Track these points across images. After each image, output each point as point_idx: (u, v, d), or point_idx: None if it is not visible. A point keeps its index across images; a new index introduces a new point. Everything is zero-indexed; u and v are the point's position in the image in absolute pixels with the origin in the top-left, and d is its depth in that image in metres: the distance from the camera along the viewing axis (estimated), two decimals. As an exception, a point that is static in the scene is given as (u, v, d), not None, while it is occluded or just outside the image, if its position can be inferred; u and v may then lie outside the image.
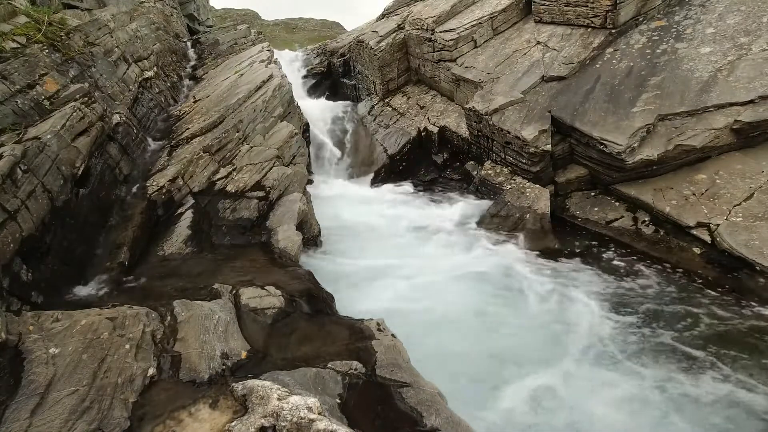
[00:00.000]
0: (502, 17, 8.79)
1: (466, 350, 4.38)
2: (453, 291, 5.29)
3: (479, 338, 4.55)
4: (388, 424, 2.93)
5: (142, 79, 8.08)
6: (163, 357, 3.15)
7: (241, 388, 2.65)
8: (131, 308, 3.51)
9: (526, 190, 6.75)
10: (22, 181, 4.11)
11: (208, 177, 6.24)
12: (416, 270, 5.68)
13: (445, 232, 6.72)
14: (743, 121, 5.42)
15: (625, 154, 5.73)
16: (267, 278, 4.54)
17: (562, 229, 6.36)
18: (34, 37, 5.78)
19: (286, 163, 7.01)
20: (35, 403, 2.66)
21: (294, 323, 3.96)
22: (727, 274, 4.92)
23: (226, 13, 25.94)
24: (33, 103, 5.12)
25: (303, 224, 6.06)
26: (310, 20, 28.58)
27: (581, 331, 4.52)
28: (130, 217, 5.34)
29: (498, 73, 7.87)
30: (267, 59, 9.62)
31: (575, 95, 6.69)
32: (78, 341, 3.12)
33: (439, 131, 8.84)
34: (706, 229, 5.23)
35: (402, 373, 3.32)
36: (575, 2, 7.49)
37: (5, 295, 3.55)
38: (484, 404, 3.72)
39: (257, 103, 7.47)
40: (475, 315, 4.89)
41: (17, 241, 3.86)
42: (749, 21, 6.20)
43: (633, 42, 6.94)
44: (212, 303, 3.78)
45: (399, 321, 4.23)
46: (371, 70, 10.64)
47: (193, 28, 15.24)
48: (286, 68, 10.53)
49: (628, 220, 5.98)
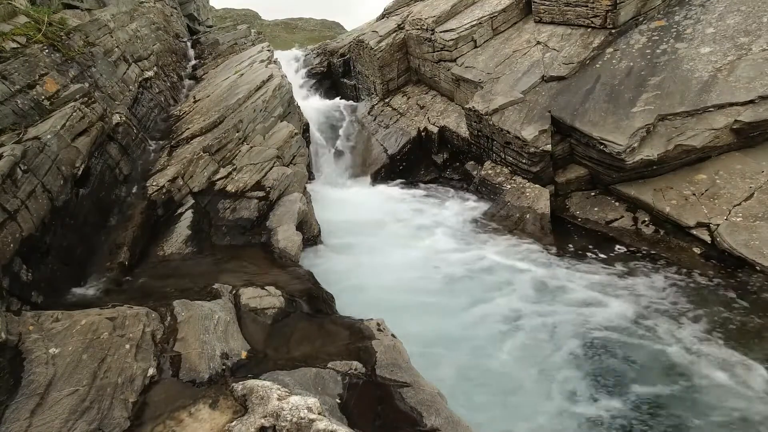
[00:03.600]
0: (502, 17, 8.79)
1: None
2: (453, 290, 5.28)
3: (479, 338, 4.55)
4: (388, 424, 2.93)
5: (142, 79, 8.08)
6: (163, 357, 3.15)
7: (241, 388, 2.65)
8: (131, 308, 3.51)
9: (526, 190, 6.75)
10: (22, 181, 4.11)
11: (208, 177, 6.24)
12: (415, 269, 5.68)
13: (444, 232, 6.72)
14: (743, 121, 5.42)
15: (625, 154, 5.73)
16: (267, 278, 4.54)
17: (562, 229, 6.35)
18: (34, 37, 5.78)
19: (286, 163, 7.01)
20: (35, 403, 2.66)
21: (294, 323, 3.96)
22: (727, 274, 4.91)
23: (226, 13, 25.94)
24: (33, 103, 5.11)
25: (303, 224, 6.06)
26: (310, 20, 28.57)
27: (580, 330, 4.53)
28: (130, 217, 5.34)
29: (498, 73, 7.87)
30: (267, 59, 9.61)
31: (575, 95, 6.69)
32: (78, 341, 3.12)
33: (439, 131, 8.84)
34: (706, 229, 5.24)
35: (402, 373, 3.32)
36: (575, 2, 7.49)
37: (5, 295, 3.55)
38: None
39: (257, 103, 7.47)
40: (474, 312, 4.89)
41: (17, 241, 3.86)
42: (749, 21, 6.20)
43: (633, 42, 6.94)
44: (212, 303, 3.78)
45: (399, 320, 4.23)
46: (371, 70, 10.64)
47: (193, 28, 15.23)
48: (286, 68, 10.53)
49: (628, 220, 5.98)
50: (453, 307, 4.98)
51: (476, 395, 3.89)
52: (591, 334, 4.48)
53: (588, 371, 4.08)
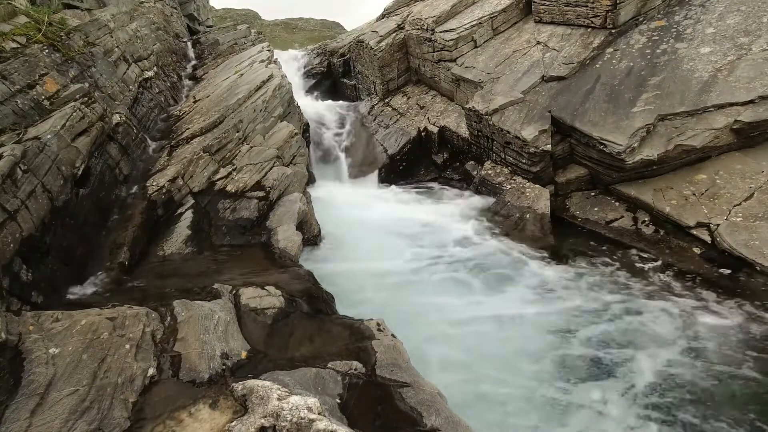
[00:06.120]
0: (502, 17, 8.79)
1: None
2: (452, 290, 5.28)
3: (477, 338, 4.56)
4: (388, 424, 2.93)
5: (142, 79, 8.08)
6: (163, 357, 3.15)
7: (241, 388, 2.65)
8: (131, 308, 3.51)
9: (526, 190, 6.75)
10: (22, 181, 4.11)
11: (208, 177, 6.24)
12: (415, 269, 5.68)
13: (444, 232, 6.72)
14: (743, 121, 5.42)
15: (625, 154, 5.73)
16: (267, 278, 4.54)
17: (561, 229, 6.35)
18: (34, 37, 5.78)
19: (286, 163, 7.01)
20: (35, 403, 2.66)
21: (294, 323, 3.96)
22: (727, 274, 4.91)
23: (226, 13, 25.92)
24: (33, 103, 5.12)
25: (303, 224, 6.06)
26: (310, 20, 28.55)
27: (578, 331, 4.53)
28: (130, 217, 5.34)
29: (498, 73, 7.87)
30: (267, 59, 9.62)
31: (575, 95, 6.69)
32: (78, 341, 3.12)
33: (439, 131, 8.84)
34: (706, 229, 5.23)
35: (402, 373, 3.32)
36: (575, 2, 7.49)
37: (5, 295, 3.55)
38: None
39: (257, 103, 7.47)
40: (474, 312, 4.89)
41: (17, 241, 3.86)
42: (749, 21, 6.20)
43: (633, 42, 6.94)
44: (212, 303, 3.78)
45: (398, 320, 4.23)
46: (371, 70, 10.64)
47: (193, 28, 15.24)
48: (286, 68, 10.52)
49: (628, 220, 5.98)
50: (453, 307, 4.98)
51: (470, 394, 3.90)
52: (590, 334, 4.48)
53: (587, 371, 4.08)
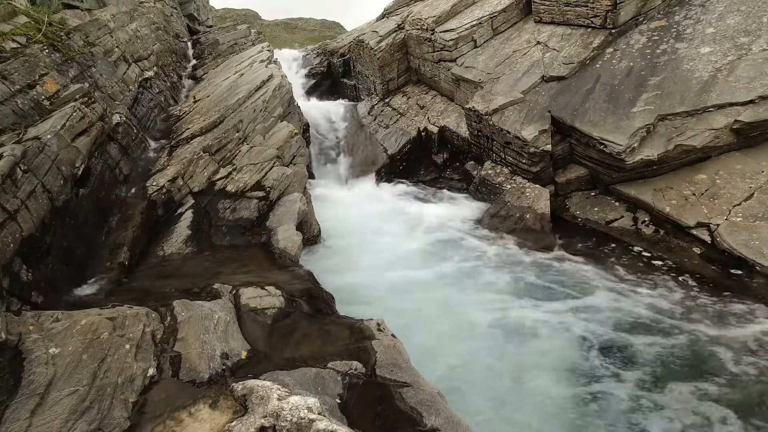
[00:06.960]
0: (502, 17, 8.79)
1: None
2: (452, 290, 5.28)
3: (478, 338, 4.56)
4: (388, 424, 2.93)
5: (142, 79, 8.08)
6: (163, 357, 3.15)
7: (241, 388, 2.64)
8: (131, 308, 3.51)
9: (526, 190, 6.74)
10: (22, 181, 4.11)
11: (208, 177, 6.24)
12: (415, 269, 5.68)
13: (444, 231, 6.72)
14: (743, 121, 5.42)
15: (625, 154, 5.73)
16: (267, 278, 4.54)
17: (561, 229, 6.35)
18: (34, 37, 5.78)
19: (286, 163, 7.01)
20: (35, 403, 2.66)
21: (294, 323, 3.96)
22: (726, 274, 4.91)
23: (226, 13, 25.91)
24: (33, 103, 5.11)
25: (303, 224, 6.06)
26: (310, 20, 28.54)
27: (577, 330, 4.53)
28: (130, 217, 5.34)
29: (498, 73, 7.87)
30: (267, 59, 9.62)
31: (575, 95, 6.69)
32: (78, 341, 3.12)
33: (439, 131, 8.84)
34: (706, 229, 5.23)
35: (402, 373, 3.32)
36: (575, 2, 7.49)
37: (5, 295, 3.55)
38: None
39: (257, 103, 7.47)
40: (474, 311, 4.89)
41: (17, 241, 3.86)
42: (749, 21, 6.20)
43: (633, 42, 6.94)
44: (212, 303, 3.78)
45: (398, 319, 4.23)
46: (371, 70, 10.64)
47: (193, 28, 15.24)
48: (286, 68, 10.54)
49: (628, 220, 5.98)
50: (453, 306, 4.98)
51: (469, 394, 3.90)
52: (590, 334, 4.48)
53: (584, 373, 4.09)
